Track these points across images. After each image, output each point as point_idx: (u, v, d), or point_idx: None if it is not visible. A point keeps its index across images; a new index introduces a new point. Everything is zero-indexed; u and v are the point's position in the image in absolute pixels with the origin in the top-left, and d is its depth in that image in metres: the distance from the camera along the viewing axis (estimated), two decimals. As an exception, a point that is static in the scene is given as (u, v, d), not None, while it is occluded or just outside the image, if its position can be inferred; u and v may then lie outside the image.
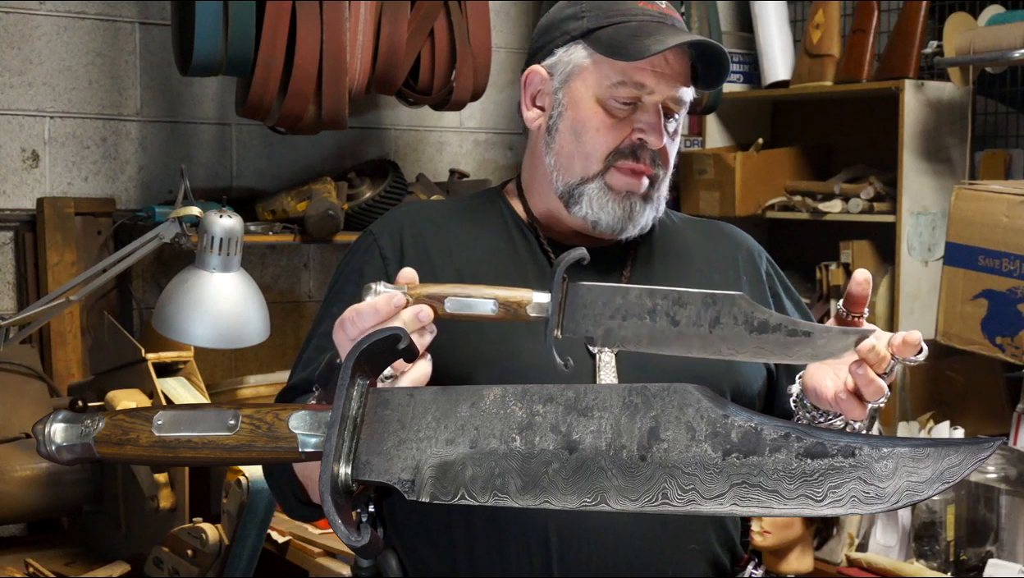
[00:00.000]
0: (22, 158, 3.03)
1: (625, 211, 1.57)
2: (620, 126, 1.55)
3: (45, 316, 2.59)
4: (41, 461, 2.61)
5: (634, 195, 1.57)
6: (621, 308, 1.37)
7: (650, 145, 1.55)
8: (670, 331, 1.35)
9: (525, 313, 1.38)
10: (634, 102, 1.55)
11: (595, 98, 1.56)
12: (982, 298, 2.82)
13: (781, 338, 1.33)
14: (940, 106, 3.32)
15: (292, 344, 3.38)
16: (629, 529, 1.50)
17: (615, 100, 1.55)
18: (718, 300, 1.34)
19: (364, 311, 1.34)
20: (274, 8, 2.80)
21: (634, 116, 1.55)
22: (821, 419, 1.49)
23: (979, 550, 2.86)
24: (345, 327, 1.35)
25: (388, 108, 3.50)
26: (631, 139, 1.56)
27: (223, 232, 2.42)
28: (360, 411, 1.22)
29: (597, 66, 1.56)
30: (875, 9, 3.48)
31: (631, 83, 1.54)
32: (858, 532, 3.03)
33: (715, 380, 1.57)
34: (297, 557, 2.65)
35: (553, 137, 1.60)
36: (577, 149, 1.57)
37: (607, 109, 1.55)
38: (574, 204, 1.58)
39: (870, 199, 3.42)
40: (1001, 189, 2.85)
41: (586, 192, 1.57)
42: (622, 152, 1.56)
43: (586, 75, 1.57)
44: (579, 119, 1.57)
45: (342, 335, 1.36)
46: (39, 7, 3.03)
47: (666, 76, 1.54)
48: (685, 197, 3.77)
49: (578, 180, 1.58)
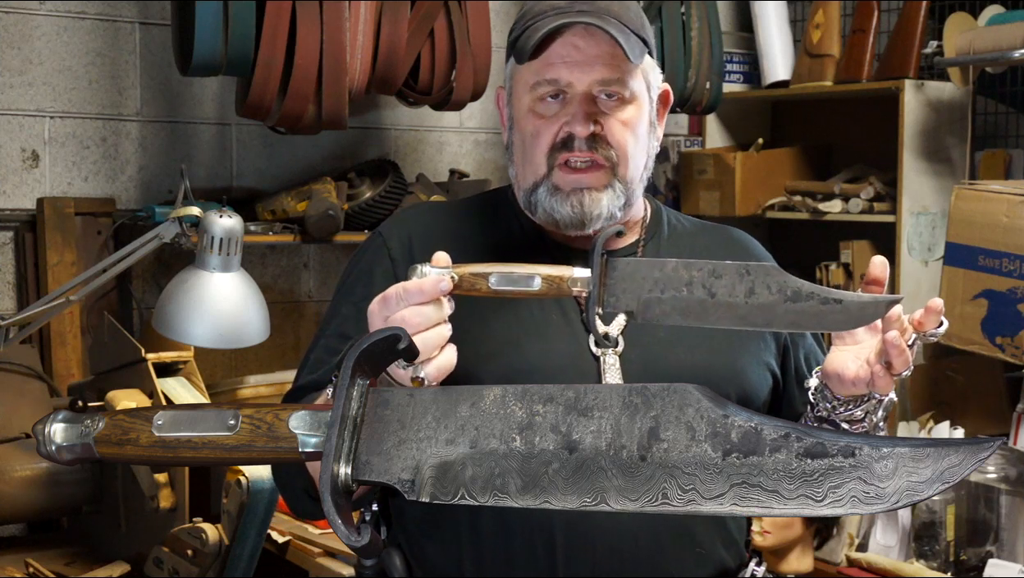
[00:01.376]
0: (22, 158, 3.03)
1: (575, 207, 1.56)
2: (550, 125, 1.56)
3: (45, 316, 2.59)
4: (41, 461, 2.61)
5: (581, 190, 1.56)
6: (659, 281, 1.37)
7: (577, 134, 1.54)
8: (707, 302, 1.36)
9: (568, 288, 1.39)
10: (560, 97, 1.55)
11: (527, 107, 1.57)
12: (982, 298, 2.83)
13: (814, 306, 1.34)
14: (940, 106, 3.32)
15: (292, 344, 3.38)
16: (634, 530, 1.50)
17: (539, 101, 1.56)
18: (752, 270, 1.35)
19: (411, 289, 1.34)
20: (274, 8, 2.80)
21: (561, 111, 1.56)
22: (842, 409, 1.49)
23: (979, 550, 2.86)
24: (388, 303, 1.35)
25: (388, 108, 3.50)
26: (561, 133, 1.56)
27: (223, 232, 2.42)
28: (360, 411, 1.22)
29: (520, 74, 1.58)
30: (875, 9, 3.48)
31: (544, 81, 1.55)
32: (858, 532, 3.03)
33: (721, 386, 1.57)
34: (297, 557, 2.65)
35: (511, 151, 1.63)
36: (525, 157, 1.59)
37: (537, 112, 1.57)
38: (535, 210, 1.60)
39: (870, 199, 3.42)
40: (1001, 189, 2.85)
41: (539, 196, 1.58)
42: (556, 147, 1.56)
43: (516, 86, 1.60)
44: (521, 129, 1.59)
45: (381, 311, 1.35)
46: (39, 7, 3.03)
47: (580, 64, 1.53)
48: (685, 197, 3.77)
49: (531, 186, 1.59)
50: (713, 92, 3.43)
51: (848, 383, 1.44)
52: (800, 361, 1.69)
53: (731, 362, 1.59)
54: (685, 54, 3.36)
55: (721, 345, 1.60)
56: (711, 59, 3.40)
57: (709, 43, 3.40)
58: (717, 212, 3.61)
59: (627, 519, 1.49)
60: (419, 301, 1.34)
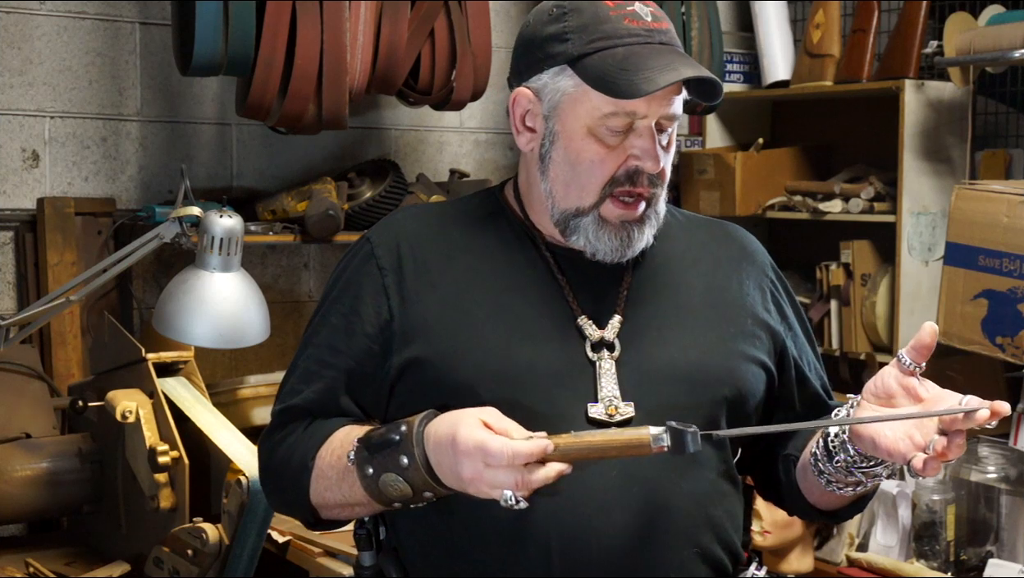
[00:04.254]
0: (22, 158, 3.03)
1: (623, 241, 1.56)
2: (614, 154, 1.52)
3: (45, 316, 2.59)
4: (41, 461, 2.61)
5: (630, 223, 1.55)
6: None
7: (647, 170, 1.53)
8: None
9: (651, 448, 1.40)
10: (627, 128, 1.52)
11: (587, 129, 1.52)
12: (982, 298, 2.82)
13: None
14: (940, 106, 3.32)
15: (292, 344, 3.38)
16: (629, 531, 1.50)
17: (608, 129, 1.52)
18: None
19: (521, 453, 1.36)
20: (274, 8, 2.80)
21: (627, 142, 1.52)
22: (863, 464, 1.47)
23: (979, 550, 2.86)
24: (491, 461, 1.37)
25: (388, 108, 3.50)
26: (626, 166, 1.53)
27: (223, 232, 2.42)
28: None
29: (587, 96, 1.51)
30: (875, 9, 3.48)
31: (623, 113, 1.51)
32: (858, 532, 3.03)
33: (715, 386, 1.57)
34: (297, 557, 2.65)
35: (547, 165, 1.57)
36: (573, 179, 1.55)
37: (600, 139, 1.52)
38: (571, 234, 1.57)
39: (870, 199, 3.42)
40: (1001, 189, 2.85)
41: (581, 225, 1.55)
42: (618, 180, 1.53)
43: (576, 105, 1.53)
44: (572, 149, 1.54)
45: (479, 462, 1.38)
46: (39, 7, 3.03)
47: (657, 98, 1.50)
48: (685, 197, 3.77)
49: (573, 210, 1.55)
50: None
51: (882, 450, 1.40)
52: (799, 359, 1.69)
53: (724, 362, 1.59)
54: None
55: (714, 345, 1.59)
56: (711, 59, 3.39)
57: (709, 43, 3.39)
58: (717, 212, 3.61)
59: (622, 521, 1.49)
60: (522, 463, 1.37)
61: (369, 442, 1.47)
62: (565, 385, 1.53)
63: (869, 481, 1.50)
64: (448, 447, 1.40)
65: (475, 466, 1.38)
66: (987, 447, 2.89)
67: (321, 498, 1.58)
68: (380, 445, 1.46)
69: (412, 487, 1.45)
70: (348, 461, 1.50)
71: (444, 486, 1.44)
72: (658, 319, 1.60)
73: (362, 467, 1.48)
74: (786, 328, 1.68)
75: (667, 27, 1.55)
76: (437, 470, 1.43)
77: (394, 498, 1.47)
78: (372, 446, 1.46)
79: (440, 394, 1.52)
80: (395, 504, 1.49)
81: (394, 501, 1.48)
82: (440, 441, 1.42)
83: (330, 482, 1.56)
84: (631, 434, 1.39)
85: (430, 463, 1.43)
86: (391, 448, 1.45)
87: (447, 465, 1.41)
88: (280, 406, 1.66)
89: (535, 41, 1.57)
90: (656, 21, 1.54)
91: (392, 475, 1.45)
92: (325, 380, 1.61)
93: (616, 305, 1.59)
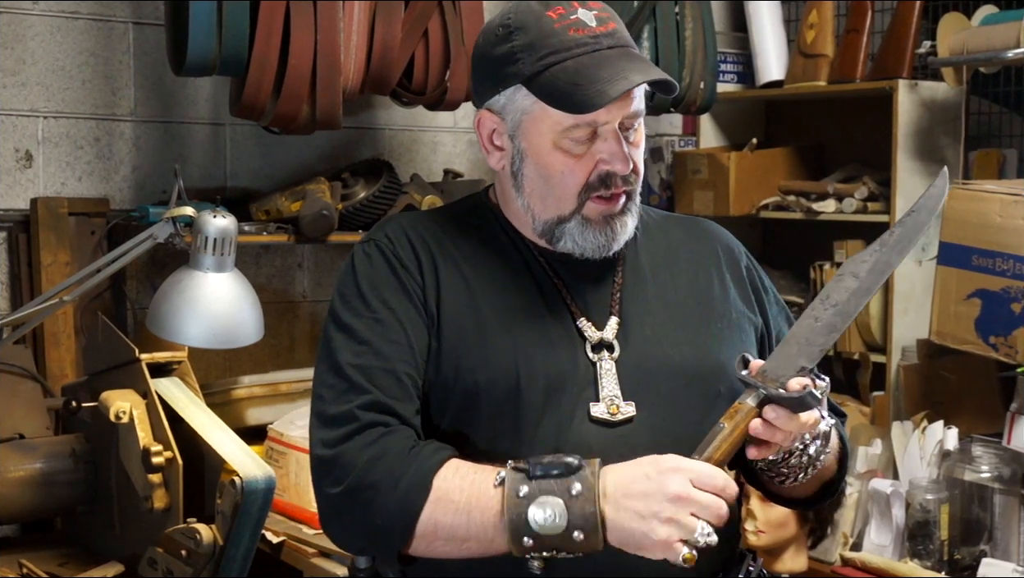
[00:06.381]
0: (15, 158, 3.02)
1: (607, 236, 1.58)
2: (583, 162, 1.54)
3: (39, 316, 2.58)
4: (35, 461, 2.61)
5: (612, 217, 1.57)
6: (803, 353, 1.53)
7: (618, 172, 1.54)
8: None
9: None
10: (591, 136, 1.53)
11: (552, 143, 1.54)
12: (976, 298, 2.83)
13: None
14: (934, 106, 3.33)
15: (286, 344, 3.38)
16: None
17: (572, 140, 1.53)
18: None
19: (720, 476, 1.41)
20: (268, 8, 2.80)
21: (594, 148, 1.54)
22: (771, 470, 1.58)
23: (973, 549, 2.87)
24: (699, 481, 1.39)
25: (382, 108, 3.50)
26: (598, 171, 1.55)
27: (217, 232, 2.42)
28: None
29: (546, 112, 1.53)
30: (869, 9, 3.49)
31: (584, 124, 1.52)
32: (852, 531, 3.03)
33: (709, 380, 1.59)
34: (291, 557, 2.65)
35: (521, 181, 1.59)
36: (548, 192, 1.57)
37: (566, 150, 1.54)
38: (557, 240, 1.59)
39: (864, 199, 3.43)
40: (995, 189, 2.85)
41: (566, 230, 1.57)
42: (592, 185, 1.55)
43: (538, 122, 1.54)
44: (542, 164, 1.56)
45: (686, 479, 1.39)
46: (32, 7, 3.02)
47: (616, 102, 1.51)
48: (679, 197, 3.77)
49: (555, 220, 1.58)
50: (707, 92, 3.43)
51: (754, 453, 1.48)
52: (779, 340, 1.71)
53: (715, 356, 1.61)
54: (679, 54, 3.36)
55: (705, 341, 1.62)
56: (705, 59, 3.40)
57: (703, 43, 3.40)
58: (711, 212, 3.61)
59: None
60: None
61: (536, 465, 1.42)
62: (568, 386, 1.55)
63: (801, 472, 1.57)
64: (648, 467, 1.40)
65: (683, 483, 1.38)
66: (981, 446, 2.90)
67: (433, 525, 1.46)
68: (550, 467, 1.41)
69: (569, 518, 1.39)
70: (494, 481, 1.44)
71: (603, 530, 1.39)
72: (650, 318, 1.62)
73: (515, 487, 1.41)
74: (767, 314, 1.73)
75: (614, 27, 1.55)
76: (618, 504, 1.40)
77: (533, 532, 1.40)
78: (539, 467, 1.41)
79: (444, 392, 1.54)
80: (525, 540, 1.40)
81: (528, 536, 1.40)
82: (633, 470, 1.41)
83: (456, 506, 1.45)
84: (740, 414, 1.45)
85: (607, 494, 1.40)
86: (563, 471, 1.40)
87: (639, 491, 1.39)
88: (340, 409, 1.52)
89: (487, 62, 1.58)
90: (601, 24, 1.54)
91: (552, 499, 1.39)
92: (394, 372, 1.54)
93: (611, 306, 1.62)
